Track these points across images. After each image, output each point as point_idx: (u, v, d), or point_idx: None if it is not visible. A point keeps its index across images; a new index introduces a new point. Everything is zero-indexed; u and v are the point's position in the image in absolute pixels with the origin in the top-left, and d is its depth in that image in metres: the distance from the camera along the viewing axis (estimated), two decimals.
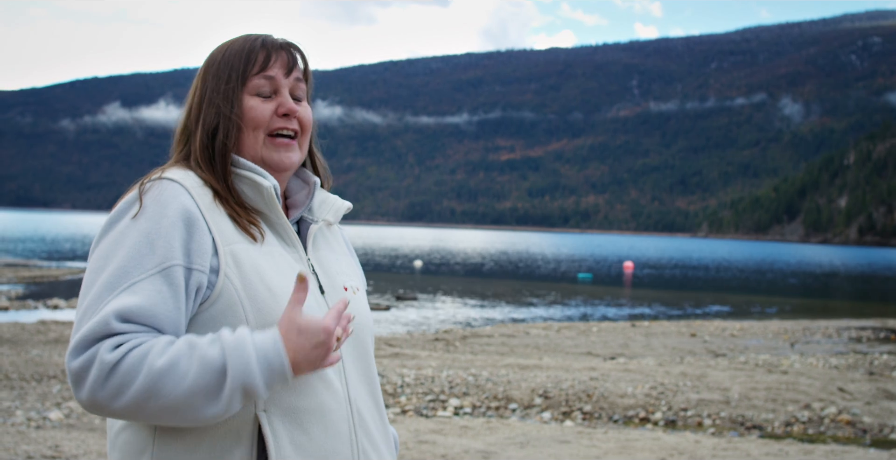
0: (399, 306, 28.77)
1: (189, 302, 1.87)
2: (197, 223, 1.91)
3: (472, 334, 20.02)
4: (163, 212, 1.89)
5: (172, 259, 1.85)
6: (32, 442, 7.79)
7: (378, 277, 44.29)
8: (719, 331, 21.80)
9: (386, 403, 11.22)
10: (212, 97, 2.07)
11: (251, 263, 1.94)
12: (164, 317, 1.82)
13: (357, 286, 2.20)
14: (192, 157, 2.07)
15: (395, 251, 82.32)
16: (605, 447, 8.42)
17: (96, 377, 1.75)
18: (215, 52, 2.14)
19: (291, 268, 2.01)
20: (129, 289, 1.81)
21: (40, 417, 9.33)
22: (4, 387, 11.06)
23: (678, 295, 39.40)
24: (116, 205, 1.97)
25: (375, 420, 2.12)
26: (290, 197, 2.22)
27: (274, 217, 2.05)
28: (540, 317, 27.15)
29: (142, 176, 2.02)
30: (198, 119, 2.08)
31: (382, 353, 15.32)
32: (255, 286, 1.92)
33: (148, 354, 1.74)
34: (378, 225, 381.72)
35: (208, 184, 2.00)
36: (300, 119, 2.12)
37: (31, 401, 10.30)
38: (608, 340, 19.43)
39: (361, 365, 2.11)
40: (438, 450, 8.00)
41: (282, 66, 2.11)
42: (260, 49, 2.10)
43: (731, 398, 11.46)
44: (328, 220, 2.20)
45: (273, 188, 2.03)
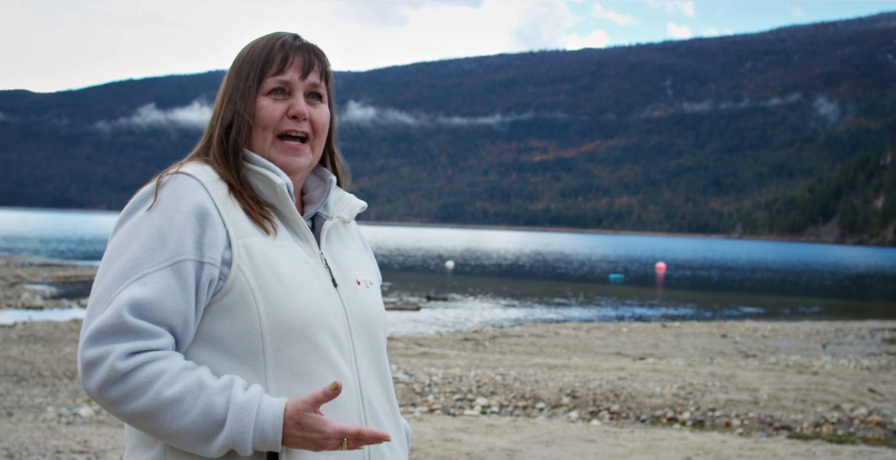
0: (429, 306, 28.82)
1: (201, 294, 1.93)
2: (210, 217, 1.97)
3: (502, 334, 20.03)
4: (177, 207, 1.96)
5: (183, 253, 1.91)
6: (62, 437, 7.89)
7: (409, 278, 44.36)
8: (750, 332, 21.67)
9: (413, 402, 11.26)
10: (232, 94, 2.15)
11: (263, 256, 1.99)
12: (172, 309, 1.88)
13: (370, 280, 2.24)
14: (210, 151, 2.14)
15: (427, 252, 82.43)
16: (630, 446, 8.42)
17: (105, 379, 1.83)
18: (242, 51, 2.20)
19: (304, 262, 2.07)
20: (140, 280, 1.89)
21: (71, 413, 9.45)
22: (37, 384, 11.20)
23: (710, 296, 39.20)
24: (134, 197, 2.03)
25: (386, 411, 2.16)
26: (306, 193, 2.27)
27: (287, 212, 2.10)
28: (570, 317, 27.12)
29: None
30: (219, 114, 2.16)
31: (411, 352, 15.36)
32: (267, 278, 1.97)
33: (159, 378, 1.82)
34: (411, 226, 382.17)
35: (224, 178, 2.06)
36: (313, 121, 2.17)
37: (62, 398, 10.44)
38: (638, 341, 19.37)
39: (373, 357, 2.16)
40: (463, 448, 8.02)
41: (298, 69, 2.16)
42: (278, 51, 2.15)
43: (759, 398, 11.40)
44: (343, 218, 2.25)
45: (286, 186, 2.08)
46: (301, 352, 1.96)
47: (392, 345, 16.20)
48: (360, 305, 2.14)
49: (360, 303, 2.14)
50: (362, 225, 7.61)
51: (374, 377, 2.15)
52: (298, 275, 2.02)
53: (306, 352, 1.97)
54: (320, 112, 2.19)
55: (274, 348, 1.94)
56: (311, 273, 2.07)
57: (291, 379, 1.95)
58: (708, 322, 25.49)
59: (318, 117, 2.18)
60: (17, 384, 11.16)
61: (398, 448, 2.19)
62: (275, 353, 1.94)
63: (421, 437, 8.39)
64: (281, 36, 2.19)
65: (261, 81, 2.14)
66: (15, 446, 7.36)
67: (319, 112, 2.19)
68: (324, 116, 2.20)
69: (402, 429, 2.26)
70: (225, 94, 2.16)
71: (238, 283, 1.95)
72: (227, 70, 2.24)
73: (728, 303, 34.70)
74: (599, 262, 74.80)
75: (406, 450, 2.26)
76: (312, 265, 2.09)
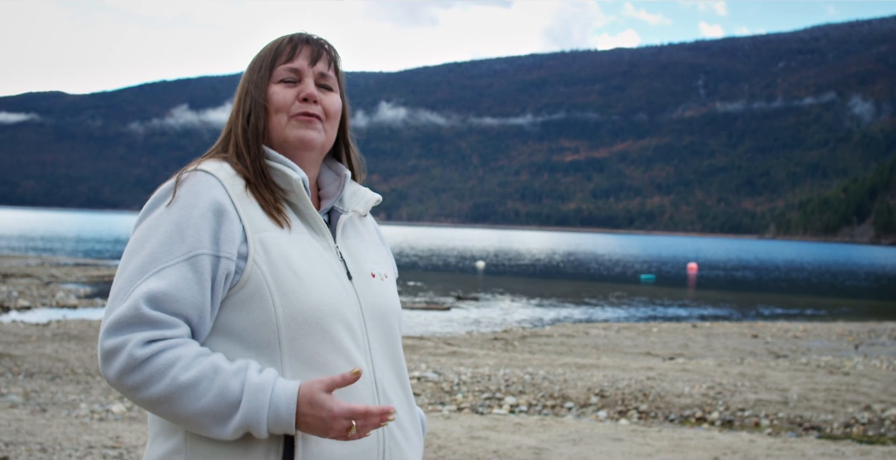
0: (459, 306, 28.86)
1: (217, 287, 2.00)
2: (226, 213, 2.04)
3: (532, 334, 20.04)
4: (194, 203, 2.03)
5: (200, 248, 1.98)
6: (94, 433, 8.00)
7: (440, 278, 44.42)
8: (782, 333, 21.56)
9: (442, 401, 11.31)
10: (248, 88, 2.25)
11: (279, 250, 2.06)
12: (187, 302, 1.95)
13: (385, 273, 2.30)
14: (230, 147, 2.22)
15: (458, 252, 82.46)
16: (657, 445, 8.42)
17: (124, 366, 1.90)
18: (256, 53, 2.31)
19: (319, 256, 2.13)
20: (158, 274, 1.95)
21: (103, 410, 9.57)
22: (71, 381, 11.35)
23: (742, 296, 39.00)
24: (154, 194, 2.11)
25: (401, 400, 2.22)
26: (322, 188, 2.33)
27: (303, 207, 2.17)
28: (600, 317, 27.08)
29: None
30: (238, 109, 2.25)
31: (440, 352, 15.41)
32: (282, 271, 2.03)
33: (176, 363, 1.89)
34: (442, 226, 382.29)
35: (241, 174, 2.14)
36: (324, 105, 2.24)
37: (95, 395, 10.57)
38: (668, 341, 19.33)
39: (388, 348, 2.21)
40: (490, 446, 8.06)
41: (306, 57, 2.25)
42: (287, 43, 2.26)
43: (789, 398, 11.36)
44: (358, 211, 2.32)
45: (302, 180, 2.16)
46: (316, 343, 2.02)
47: (421, 345, 16.26)
48: (375, 297, 2.20)
49: (375, 296, 2.20)
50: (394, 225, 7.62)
51: (389, 367, 2.20)
52: (313, 268, 2.08)
53: (321, 343, 2.03)
54: (331, 99, 2.26)
55: (289, 339, 2.00)
56: (326, 266, 2.12)
57: (307, 369, 2.01)
58: (739, 322, 25.37)
59: (329, 103, 2.25)
60: (52, 381, 11.31)
61: (413, 436, 2.24)
62: (290, 344, 2.00)
63: (449, 435, 8.44)
64: (290, 34, 2.31)
65: (272, 71, 2.24)
66: (48, 441, 7.47)
67: (331, 99, 2.26)
68: (335, 103, 2.27)
69: (418, 418, 2.31)
70: (242, 89, 2.27)
71: (254, 277, 2.01)
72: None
73: (760, 304, 34.51)
74: (630, 263, 74.56)
75: (421, 439, 2.30)
76: (327, 258, 2.15)
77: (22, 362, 12.30)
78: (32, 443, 7.32)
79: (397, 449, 2.16)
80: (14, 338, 15.00)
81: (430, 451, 7.85)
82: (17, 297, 23.58)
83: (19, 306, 21.83)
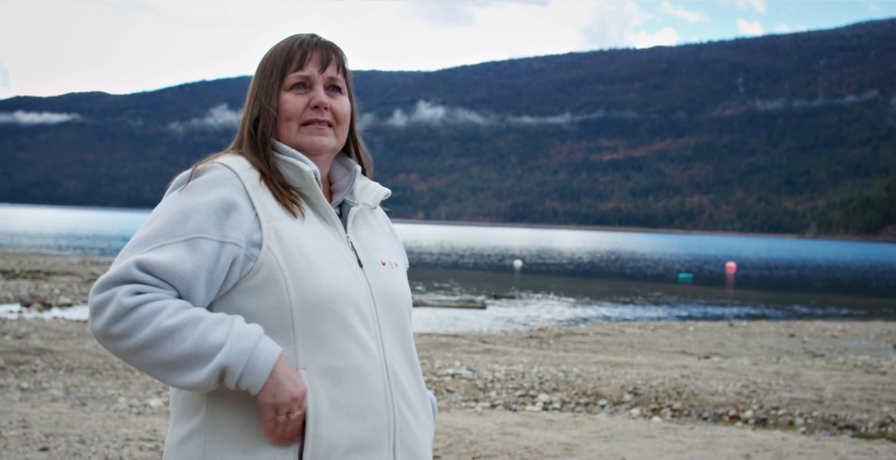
0: (496, 304, 28.91)
1: (219, 270, 2.10)
2: (236, 204, 2.15)
3: (567, 332, 20.05)
4: (206, 192, 2.14)
5: (201, 232, 2.09)
6: (132, 426, 8.15)
7: (477, 277, 44.49)
8: (819, 332, 21.41)
9: (476, 397, 11.38)
10: (258, 93, 2.34)
11: (292, 238, 2.16)
12: (176, 274, 2.04)
13: (395, 262, 2.41)
14: (244, 144, 2.34)
15: (496, 251, 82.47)
16: (689, 442, 8.44)
17: (112, 314, 1.98)
18: (266, 53, 2.39)
19: (331, 244, 2.24)
20: (155, 249, 2.05)
21: (141, 404, 9.73)
22: (110, 377, 11.53)
23: (781, 296, 38.73)
24: (173, 181, 2.23)
25: (412, 382, 2.32)
26: (333, 182, 2.45)
27: (315, 198, 2.28)
28: (636, 316, 27.03)
29: None
30: (248, 111, 2.35)
31: (475, 349, 15.47)
32: (295, 258, 2.14)
33: (161, 311, 1.98)
34: (480, 225, 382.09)
35: (256, 166, 2.25)
36: (334, 111, 2.35)
37: (133, 390, 10.74)
38: (704, 339, 19.27)
39: (398, 332, 2.31)
40: (522, 442, 8.12)
41: (317, 63, 2.35)
42: (297, 49, 2.35)
43: (824, 397, 11.32)
44: (368, 204, 2.41)
45: (313, 173, 2.26)
46: (327, 326, 2.13)
47: (456, 342, 16.34)
48: (385, 284, 2.31)
49: (385, 283, 2.31)
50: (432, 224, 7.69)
51: (400, 351, 2.30)
52: (325, 256, 2.19)
53: (332, 326, 2.13)
54: (340, 103, 2.37)
55: (302, 322, 2.11)
56: (338, 254, 2.23)
57: (319, 350, 2.12)
58: (776, 321, 25.21)
59: (338, 107, 2.35)
60: (91, 376, 11.50)
61: (423, 417, 2.35)
62: (303, 326, 2.11)
63: (481, 431, 8.51)
64: (299, 36, 2.38)
65: (283, 78, 2.33)
66: (87, 433, 7.63)
67: (339, 103, 2.36)
68: (344, 107, 2.37)
69: (428, 401, 2.41)
70: (252, 93, 2.36)
71: (268, 263, 2.12)
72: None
73: (798, 303, 34.26)
74: (668, 262, 74.22)
75: (432, 421, 2.41)
76: (339, 247, 2.25)
77: (63, 357, 12.52)
78: (72, 435, 7.48)
79: (407, 429, 2.25)
80: (55, 334, 15.24)
81: (461, 446, 7.93)
82: (58, 295, 23.92)
83: (61, 303, 22.14)
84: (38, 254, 43.87)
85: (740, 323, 23.78)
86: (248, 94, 2.39)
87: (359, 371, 2.16)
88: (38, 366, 11.86)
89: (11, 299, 22.52)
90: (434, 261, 58.59)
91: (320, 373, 2.12)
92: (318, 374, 2.12)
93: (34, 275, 29.80)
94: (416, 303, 26.98)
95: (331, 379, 2.13)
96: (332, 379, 2.13)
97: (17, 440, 7.21)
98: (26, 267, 32.90)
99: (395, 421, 2.22)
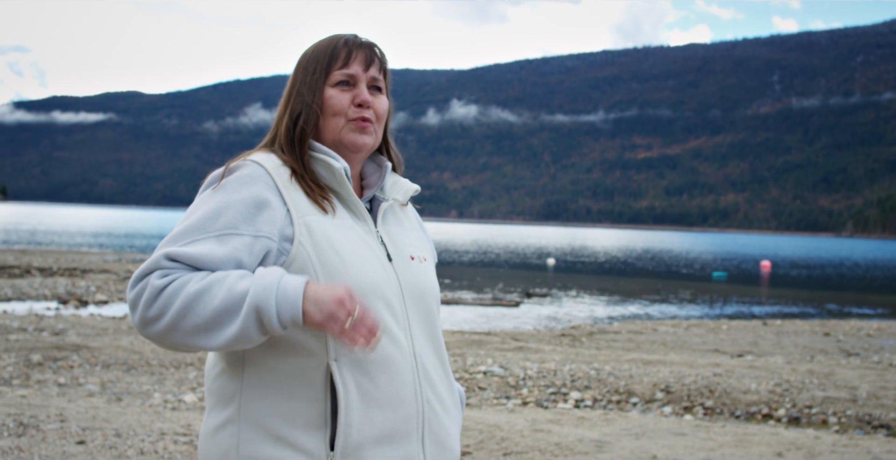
0: (528, 302, 28.92)
1: (251, 259, 2.13)
2: (268, 201, 2.20)
3: (599, 330, 20.03)
4: (238, 189, 2.19)
5: (232, 229, 2.13)
6: (167, 421, 8.26)
7: (510, 275, 44.50)
8: (855, 331, 21.25)
9: (507, 395, 11.42)
10: (300, 88, 2.38)
11: (322, 232, 2.22)
12: (207, 261, 2.08)
13: (424, 256, 2.45)
14: (276, 141, 2.38)
15: (529, 249, 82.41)
16: (720, 440, 8.43)
17: (147, 299, 2.03)
18: (306, 51, 2.44)
19: (361, 239, 2.28)
20: (187, 244, 2.10)
21: (176, 399, 9.85)
22: (145, 373, 11.67)
23: (816, 294, 38.45)
24: (206, 179, 2.28)
25: (440, 374, 2.37)
26: (364, 178, 2.50)
27: (345, 194, 2.32)
28: (670, 314, 26.95)
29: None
30: (286, 107, 2.39)
31: (507, 347, 15.51)
32: (325, 251, 2.19)
33: (188, 282, 2.02)
34: (514, 223, 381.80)
35: (287, 164, 2.30)
36: (375, 109, 2.39)
37: (168, 385, 10.87)
38: (737, 338, 19.19)
39: (427, 325, 2.36)
40: (553, 439, 8.14)
41: (361, 62, 2.39)
42: (342, 47, 2.38)
43: (858, 396, 11.25)
44: (398, 200, 2.46)
45: (343, 169, 2.31)
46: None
47: (488, 340, 16.38)
48: (413, 278, 2.35)
49: (413, 276, 2.35)
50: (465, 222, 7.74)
51: (428, 343, 2.35)
52: (355, 250, 2.24)
53: None
54: (381, 102, 2.41)
55: None
56: (367, 248, 2.28)
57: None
58: (811, 320, 25.05)
59: (379, 106, 2.40)
60: (127, 372, 11.64)
61: (451, 407, 2.40)
62: None
63: (512, 428, 8.54)
64: (342, 35, 2.43)
65: (328, 75, 2.37)
66: (123, 427, 7.74)
67: (380, 102, 2.41)
68: (384, 106, 2.43)
69: (456, 392, 2.47)
70: (292, 89, 2.40)
71: (300, 257, 2.18)
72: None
73: (834, 302, 34.01)
74: (702, 261, 73.89)
75: (459, 412, 2.46)
76: (368, 241, 2.30)
77: (99, 354, 12.67)
78: (108, 429, 7.59)
79: (436, 419, 2.31)
80: (92, 330, 15.43)
81: (492, 443, 7.97)
82: (95, 292, 24.18)
83: (97, 300, 22.38)
84: (75, 252, 44.34)
85: (774, 321, 23.65)
86: (285, 91, 2.43)
87: (388, 361, 2.21)
88: (75, 362, 12.02)
89: (49, 296, 22.81)
90: (468, 259, 58.60)
91: (350, 364, 2.17)
92: (348, 365, 2.16)
93: (71, 273, 30.14)
94: (450, 300, 27.05)
95: (360, 369, 2.17)
96: (362, 369, 2.18)
97: (55, 433, 7.33)
98: (63, 264, 33.27)
99: (424, 410, 2.27)
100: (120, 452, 6.86)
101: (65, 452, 6.75)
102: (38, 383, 10.60)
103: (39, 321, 16.31)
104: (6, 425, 7.51)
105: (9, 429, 7.38)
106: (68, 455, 6.69)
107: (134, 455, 6.82)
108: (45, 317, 17.10)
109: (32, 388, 10.21)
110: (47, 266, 32.02)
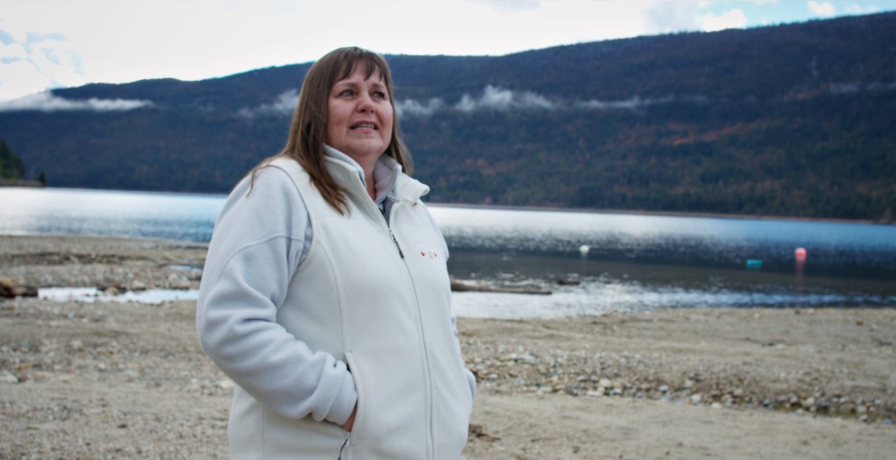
0: (561, 290, 28.99)
1: (291, 265, 2.38)
2: (295, 202, 2.42)
3: (631, 318, 20.11)
4: (269, 193, 2.41)
5: (277, 231, 2.37)
6: (204, 406, 8.48)
7: (544, 262, 44.55)
8: (888, 320, 21.19)
9: (538, 382, 11.56)
10: (307, 100, 2.62)
11: (338, 232, 2.43)
12: (271, 278, 2.34)
13: (434, 252, 2.67)
14: (295, 149, 2.60)
15: (563, 236, 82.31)
16: (747, 428, 8.54)
17: (224, 338, 2.28)
18: (313, 66, 2.67)
19: (374, 237, 2.50)
20: (244, 251, 2.35)
21: (213, 385, 10.08)
22: (183, 359, 11.92)
23: (851, 283, 38.22)
24: (235, 188, 2.49)
25: (450, 361, 2.59)
26: (377, 181, 2.71)
27: (360, 196, 2.54)
28: (702, 302, 26.93)
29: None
30: (299, 118, 2.63)
31: (538, 335, 15.64)
32: (341, 250, 2.41)
33: (268, 344, 2.28)
34: (548, 210, 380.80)
35: (306, 169, 2.51)
36: (378, 114, 2.61)
37: (205, 371, 11.11)
38: (769, 327, 19.21)
39: (437, 317, 2.58)
40: (581, 425, 8.29)
41: (362, 72, 2.61)
42: (343, 60, 2.62)
43: (888, 386, 11.29)
44: (408, 200, 2.67)
45: (358, 173, 2.52)
46: (371, 311, 2.40)
47: (520, 328, 16.52)
48: (424, 273, 2.57)
49: (424, 272, 2.57)
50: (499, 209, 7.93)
51: (440, 333, 2.57)
52: (368, 248, 2.46)
53: (375, 311, 2.41)
54: (384, 107, 2.63)
55: (348, 307, 2.39)
56: (381, 246, 2.50)
57: (363, 333, 2.40)
58: (844, 309, 24.96)
59: (382, 111, 2.62)
60: (165, 358, 11.90)
61: (461, 393, 2.62)
62: (349, 312, 2.39)
63: (541, 414, 8.70)
64: (343, 49, 2.65)
65: (331, 86, 2.60)
66: (162, 412, 7.97)
67: (383, 107, 2.63)
68: (387, 110, 2.64)
69: (465, 378, 2.68)
70: (302, 101, 2.64)
71: (318, 255, 2.40)
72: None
73: (869, 291, 33.82)
74: (737, 248, 73.48)
75: (469, 398, 2.67)
76: (382, 240, 2.52)
77: (138, 340, 12.93)
78: (148, 414, 7.83)
79: (444, 405, 2.52)
80: (130, 317, 15.72)
81: (521, 429, 8.13)
82: (132, 279, 24.51)
83: (135, 287, 22.69)
84: (113, 238, 44.81)
85: (807, 310, 23.62)
86: (297, 104, 2.66)
87: (399, 351, 2.43)
88: (115, 348, 12.29)
89: (88, 283, 23.16)
90: (501, 245, 58.69)
91: (365, 354, 2.39)
92: (363, 355, 2.39)
93: (109, 260, 30.51)
94: (482, 288, 27.18)
95: (374, 358, 2.40)
96: (376, 358, 2.40)
97: (98, 417, 7.57)
98: (101, 251, 33.68)
99: (433, 396, 2.49)
100: (160, 436, 7.09)
101: (107, 435, 6.99)
102: (79, 368, 10.87)
103: (79, 307, 16.63)
104: (51, 409, 7.76)
105: (53, 413, 7.63)
106: (111, 438, 6.92)
107: (174, 438, 7.04)
108: (84, 304, 17.42)
109: (74, 373, 10.48)
110: (86, 253, 32.42)
